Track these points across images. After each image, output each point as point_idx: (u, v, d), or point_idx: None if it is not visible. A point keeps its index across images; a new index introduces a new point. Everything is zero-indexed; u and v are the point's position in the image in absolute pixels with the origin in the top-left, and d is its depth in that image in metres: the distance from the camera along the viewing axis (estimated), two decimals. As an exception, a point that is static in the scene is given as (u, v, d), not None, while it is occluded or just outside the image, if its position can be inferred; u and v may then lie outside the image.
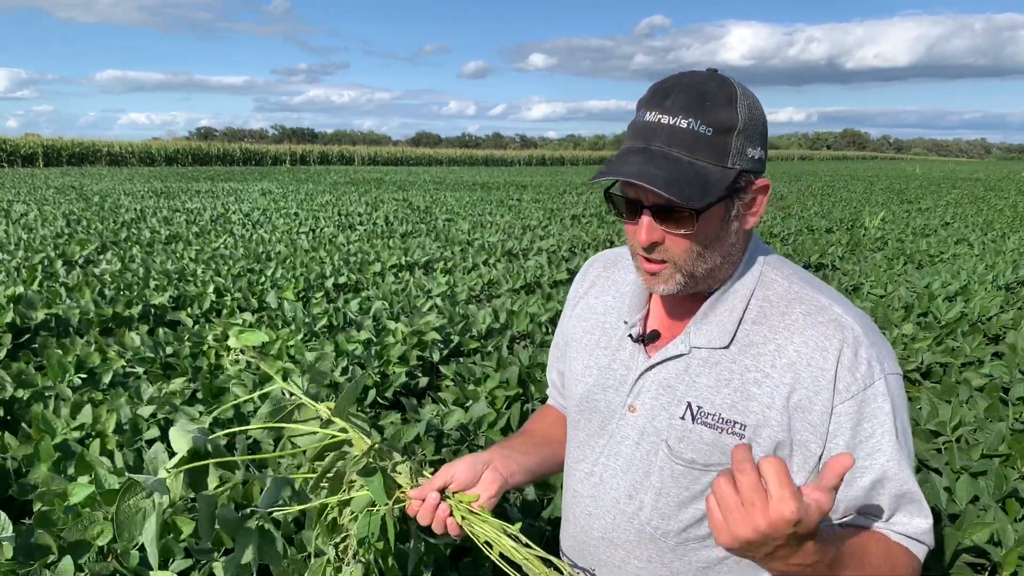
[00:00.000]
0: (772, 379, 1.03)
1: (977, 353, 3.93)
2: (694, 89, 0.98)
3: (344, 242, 8.68)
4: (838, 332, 1.02)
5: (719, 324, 1.08)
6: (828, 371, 1.00)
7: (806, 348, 1.02)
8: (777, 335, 1.05)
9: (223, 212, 12.15)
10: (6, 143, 35.08)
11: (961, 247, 9.06)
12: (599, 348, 1.20)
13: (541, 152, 72.70)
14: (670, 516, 1.10)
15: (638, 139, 1.00)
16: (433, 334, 3.94)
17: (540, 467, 1.28)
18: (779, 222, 11.77)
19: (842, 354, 1.01)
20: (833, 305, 1.05)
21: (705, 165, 0.97)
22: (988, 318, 4.84)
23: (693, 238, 1.01)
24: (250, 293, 5.27)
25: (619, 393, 1.15)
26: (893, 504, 1.03)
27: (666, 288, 1.05)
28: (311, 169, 40.32)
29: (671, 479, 1.08)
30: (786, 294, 1.08)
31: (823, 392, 1.00)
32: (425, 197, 17.00)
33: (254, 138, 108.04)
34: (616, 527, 1.15)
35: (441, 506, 1.13)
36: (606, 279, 1.26)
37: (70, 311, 4.37)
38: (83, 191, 16.59)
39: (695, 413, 1.06)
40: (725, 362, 1.06)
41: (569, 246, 9.03)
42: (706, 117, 0.97)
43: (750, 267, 1.10)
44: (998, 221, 12.46)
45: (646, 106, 1.01)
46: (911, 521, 1.04)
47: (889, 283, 6.22)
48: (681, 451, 1.07)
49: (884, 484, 1.01)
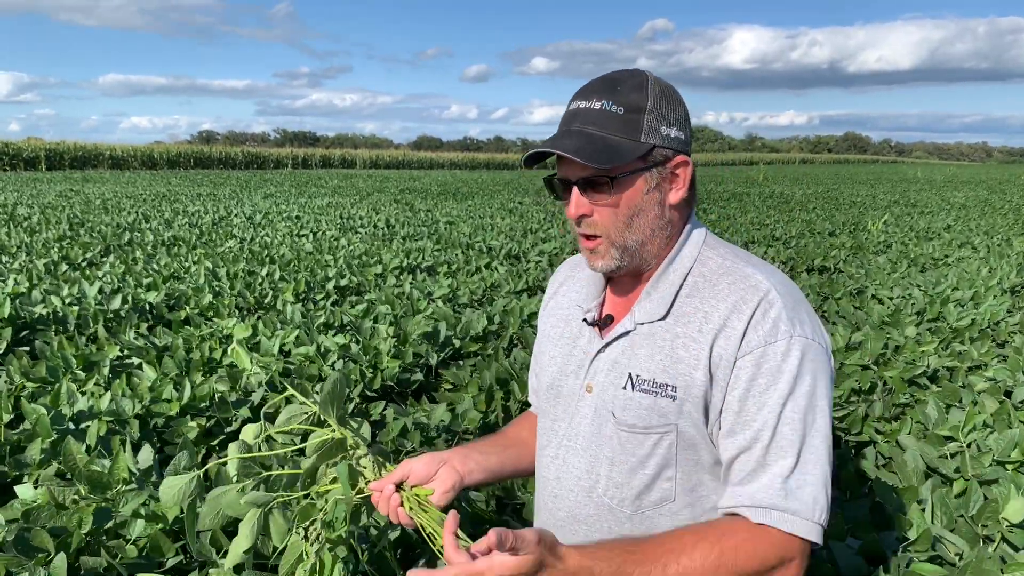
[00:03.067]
0: (697, 342, 1.10)
1: (984, 358, 3.89)
2: (609, 79, 1.12)
3: (345, 244, 8.66)
4: (755, 295, 1.09)
5: (659, 299, 1.16)
6: (738, 329, 1.08)
7: (726, 311, 1.10)
8: (705, 304, 1.13)
9: (224, 215, 12.15)
10: (8, 147, 35.16)
11: (965, 250, 9.02)
12: (563, 339, 1.29)
13: (543, 156, 72.72)
14: (623, 484, 1.16)
15: (562, 125, 1.14)
16: (425, 329, 3.92)
17: (501, 467, 1.35)
18: (781, 225, 11.74)
19: (754, 315, 1.08)
20: (756, 273, 1.13)
21: (617, 139, 1.08)
22: (997, 323, 4.80)
23: (616, 207, 1.11)
24: (248, 293, 5.25)
25: (578, 377, 1.23)
26: (761, 458, 1.05)
27: (604, 264, 1.15)
28: (313, 173, 40.34)
29: (619, 446, 1.16)
30: (718, 268, 1.16)
31: (731, 348, 1.08)
32: (428, 202, 16.99)
33: (256, 142, 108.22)
34: (578, 504, 1.21)
35: (394, 497, 1.21)
36: (572, 279, 1.36)
37: (69, 309, 4.35)
38: (85, 194, 16.60)
39: (634, 382, 1.14)
40: (660, 332, 1.15)
41: (571, 249, 9.00)
42: (617, 99, 1.09)
43: (687, 247, 1.18)
44: (1001, 224, 12.42)
45: (572, 99, 1.14)
46: (763, 487, 1.04)
47: (895, 286, 6.18)
48: (624, 418, 1.15)
49: (762, 435, 1.05)
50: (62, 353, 3.34)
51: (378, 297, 5.29)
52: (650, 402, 1.12)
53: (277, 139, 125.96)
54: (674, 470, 1.13)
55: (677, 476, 1.14)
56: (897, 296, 5.71)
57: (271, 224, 10.97)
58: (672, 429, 1.11)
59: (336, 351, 3.59)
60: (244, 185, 22.64)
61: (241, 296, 5.20)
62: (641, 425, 1.13)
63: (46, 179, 24.92)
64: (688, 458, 1.13)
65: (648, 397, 1.12)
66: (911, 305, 5.25)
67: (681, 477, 1.14)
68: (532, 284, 6.42)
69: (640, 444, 1.13)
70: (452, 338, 4.13)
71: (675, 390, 1.10)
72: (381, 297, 5.25)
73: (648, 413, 1.12)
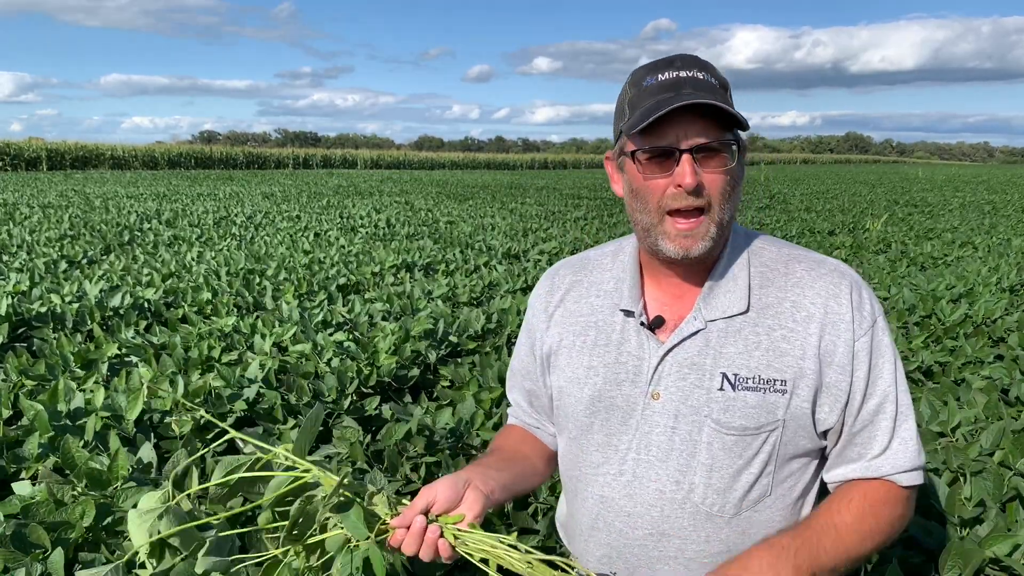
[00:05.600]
0: (798, 333, 1.09)
1: (979, 355, 3.90)
2: (691, 56, 1.09)
3: (345, 244, 8.67)
4: (843, 279, 1.12)
5: (728, 294, 1.12)
6: (845, 315, 1.10)
7: (820, 298, 1.10)
8: (788, 293, 1.12)
9: (225, 215, 12.16)
10: (10, 147, 35.21)
11: (965, 250, 9.02)
12: (599, 347, 1.18)
13: (544, 156, 72.71)
14: (725, 489, 1.11)
15: (664, 93, 1.04)
16: (424, 327, 3.93)
17: (515, 483, 1.24)
18: (782, 224, 11.74)
19: (852, 298, 1.10)
20: (826, 259, 1.15)
21: (730, 107, 1.03)
22: (993, 320, 4.81)
23: (727, 177, 1.06)
24: (247, 291, 5.26)
25: (636, 385, 1.14)
26: (890, 427, 1.12)
27: (702, 245, 1.08)
28: (314, 173, 40.36)
29: (722, 451, 1.10)
30: (780, 256, 1.16)
31: (844, 334, 1.09)
32: (427, 202, 17.00)
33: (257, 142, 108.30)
34: (666, 518, 1.13)
35: (430, 528, 1.05)
36: (581, 283, 1.26)
37: (68, 307, 4.37)
38: (86, 194, 16.62)
39: (733, 381, 1.09)
40: (748, 327, 1.11)
41: (571, 248, 9.01)
42: (712, 73, 1.06)
43: (737, 240, 1.16)
44: (1002, 224, 12.41)
45: (653, 71, 1.07)
46: (900, 452, 1.11)
47: (893, 285, 6.19)
48: (729, 421, 1.09)
49: (885, 406, 1.11)
50: (60, 351, 3.36)
51: (378, 295, 5.31)
52: (758, 400, 1.08)
53: (278, 139, 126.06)
54: (774, 465, 1.12)
55: (775, 471, 1.13)
56: (893, 295, 5.71)
57: (271, 224, 10.99)
58: (780, 424, 1.09)
59: (332, 348, 3.61)
60: (245, 184, 22.67)
61: (239, 295, 5.21)
62: (752, 426, 1.08)
63: (47, 179, 24.96)
64: (787, 450, 1.12)
65: (755, 395, 1.08)
66: (900, 301, 5.26)
67: (778, 471, 1.13)
68: (531, 283, 6.43)
69: (748, 445, 1.09)
70: (449, 335, 4.14)
71: (784, 384, 1.08)
72: (381, 295, 5.26)
73: (757, 412, 1.08)
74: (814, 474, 1.18)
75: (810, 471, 1.17)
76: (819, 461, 1.18)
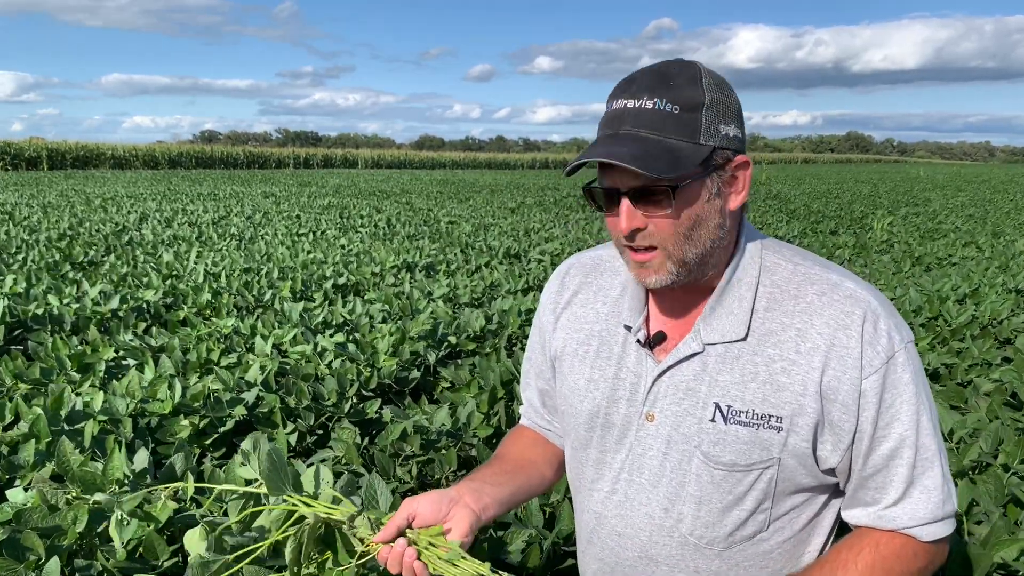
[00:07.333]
0: (800, 365, 1.00)
1: (986, 356, 3.86)
2: (656, 72, 0.98)
3: (345, 244, 8.64)
4: (856, 308, 1.00)
5: (730, 316, 1.03)
6: (854, 349, 0.98)
7: (828, 328, 0.99)
8: (795, 319, 1.01)
9: (225, 215, 12.13)
10: (10, 146, 35.21)
11: (970, 250, 8.98)
12: (601, 359, 1.13)
13: (545, 155, 72.72)
14: (714, 523, 1.05)
15: (607, 128, 0.99)
16: (424, 328, 3.89)
17: (515, 496, 1.20)
18: (783, 224, 11.70)
19: (864, 329, 0.99)
20: (844, 281, 1.03)
21: (675, 142, 0.95)
22: (999, 321, 4.77)
23: (676, 219, 0.98)
24: (247, 292, 5.23)
25: (632, 404, 1.09)
26: (908, 475, 1.01)
27: (658, 279, 1.01)
28: (315, 172, 40.35)
29: (711, 485, 1.04)
30: (794, 276, 1.04)
31: (851, 371, 0.98)
32: (428, 201, 16.97)
33: (258, 141, 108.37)
34: (654, 543, 1.09)
35: (407, 552, 1.02)
36: (590, 286, 1.20)
37: (66, 308, 4.33)
38: (86, 194, 16.60)
39: (726, 413, 1.02)
40: (746, 355, 1.02)
41: (573, 249, 8.97)
42: (671, 95, 0.95)
43: (748, 254, 1.06)
44: (1005, 224, 12.37)
45: (613, 96, 1.00)
46: (920, 503, 1.01)
47: (898, 286, 6.15)
48: (718, 455, 1.02)
49: (902, 451, 1.00)
50: (56, 354, 3.32)
51: (377, 296, 5.27)
52: (750, 435, 1.01)
53: (279, 139, 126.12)
54: (771, 502, 1.05)
55: (772, 507, 1.05)
56: (899, 295, 5.67)
57: (271, 223, 10.95)
58: (775, 462, 1.01)
59: (332, 350, 3.57)
60: (245, 183, 22.64)
61: (240, 295, 5.18)
62: (743, 463, 1.01)
63: (47, 179, 24.94)
64: (786, 487, 1.05)
65: (747, 430, 1.01)
66: (907, 303, 5.22)
67: (776, 507, 1.06)
68: (532, 284, 6.39)
69: (739, 482, 1.03)
70: (448, 336, 4.11)
71: (780, 420, 1.00)
72: (380, 296, 5.23)
73: (748, 448, 1.01)
74: (824, 503, 1.10)
75: (818, 502, 1.09)
76: (831, 491, 1.10)
